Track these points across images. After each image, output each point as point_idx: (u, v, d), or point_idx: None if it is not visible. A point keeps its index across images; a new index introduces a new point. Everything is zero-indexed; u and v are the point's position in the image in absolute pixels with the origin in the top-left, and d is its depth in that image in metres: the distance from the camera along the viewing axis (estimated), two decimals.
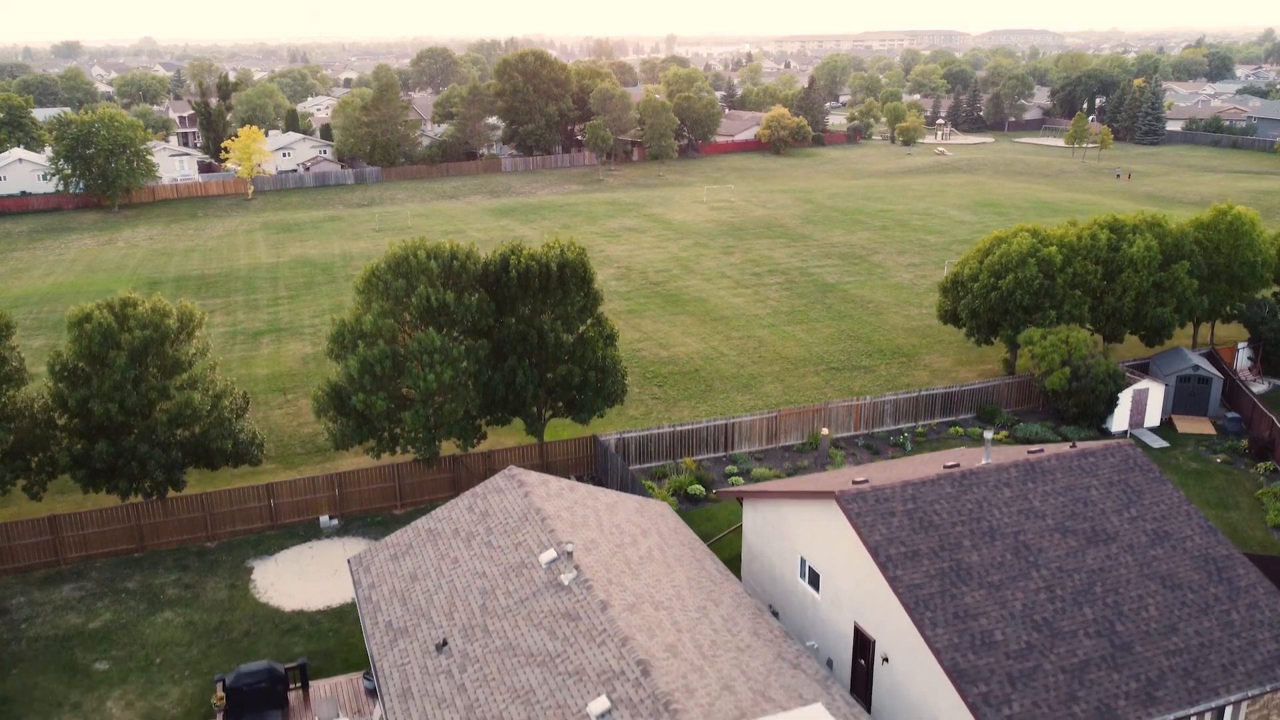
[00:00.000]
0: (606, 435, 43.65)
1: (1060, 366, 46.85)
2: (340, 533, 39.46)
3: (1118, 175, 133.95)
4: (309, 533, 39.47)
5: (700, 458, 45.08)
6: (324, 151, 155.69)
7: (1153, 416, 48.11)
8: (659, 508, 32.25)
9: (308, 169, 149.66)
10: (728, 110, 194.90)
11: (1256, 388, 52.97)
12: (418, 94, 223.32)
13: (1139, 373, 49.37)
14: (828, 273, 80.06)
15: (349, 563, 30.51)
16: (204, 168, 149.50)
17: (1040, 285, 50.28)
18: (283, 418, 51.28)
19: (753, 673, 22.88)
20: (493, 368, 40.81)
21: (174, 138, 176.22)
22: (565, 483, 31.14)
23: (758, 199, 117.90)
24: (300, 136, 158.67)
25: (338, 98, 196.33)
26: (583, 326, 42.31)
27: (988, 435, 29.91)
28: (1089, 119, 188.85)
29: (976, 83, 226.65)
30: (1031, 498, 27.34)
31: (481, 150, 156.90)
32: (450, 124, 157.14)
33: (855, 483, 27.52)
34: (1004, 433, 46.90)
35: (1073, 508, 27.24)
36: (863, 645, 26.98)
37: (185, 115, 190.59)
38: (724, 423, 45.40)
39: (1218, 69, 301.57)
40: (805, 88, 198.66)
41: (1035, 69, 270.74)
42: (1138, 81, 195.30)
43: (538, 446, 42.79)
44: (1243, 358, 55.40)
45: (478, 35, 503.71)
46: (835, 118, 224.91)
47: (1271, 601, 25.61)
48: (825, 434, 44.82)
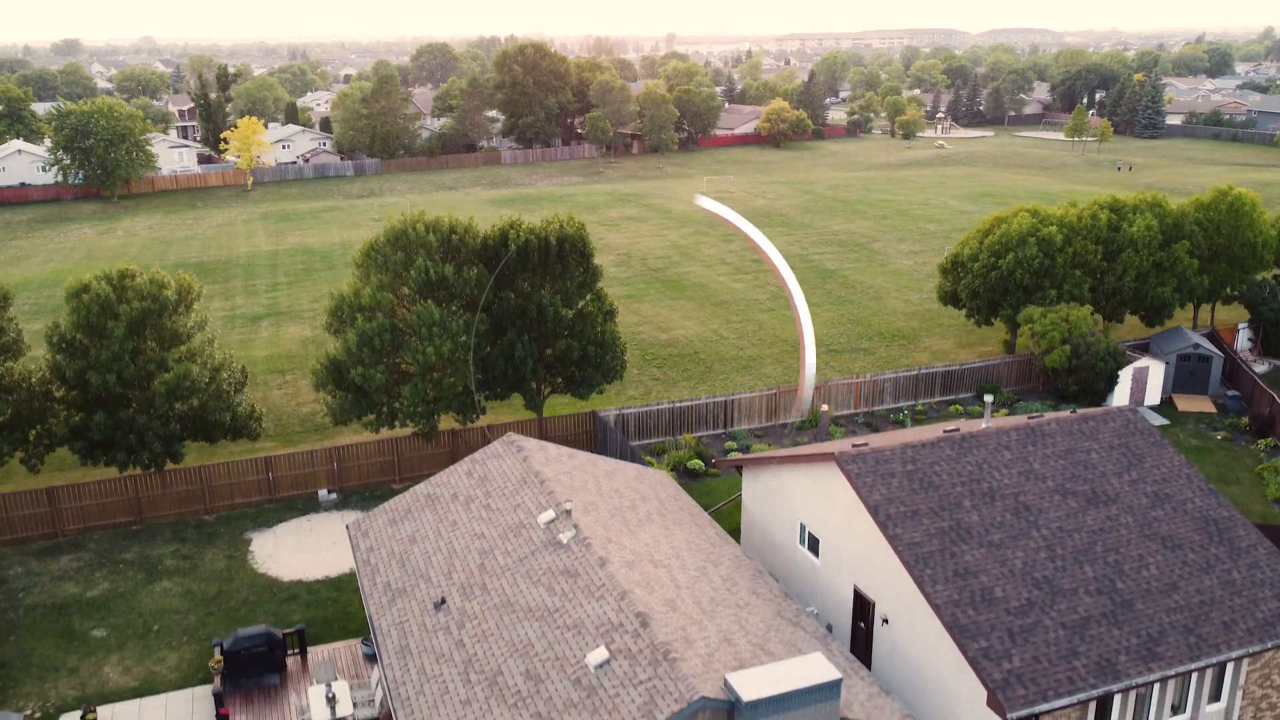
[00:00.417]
0: (606, 411, 43.55)
1: (1060, 344, 46.75)
2: (339, 506, 39.36)
3: (1119, 167, 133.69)
4: (307, 506, 39.37)
5: (700, 434, 44.99)
6: (323, 144, 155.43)
7: (1153, 395, 48.03)
8: (658, 475, 32.17)
9: (307, 160, 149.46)
10: (727, 104, 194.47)
11: (1257, 369, 52.86)
12: (417, 90, 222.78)
13: (1139, 351, 49.30)
14: (827, 259, 79.93)
15: (347, 528, 30.43)
16: (203, 160, 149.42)
17: (1040, 265, 50.15)
18: (281, 398, 51.18)
19: (752, 628, 22.79)
20: (491, 342, 40.72)
21: (173, 131, 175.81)
22: (564, 450, 31.04)
23: (757, 190, 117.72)
24: (299, 129, 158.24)
25: (337, 93, 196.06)
26: (582, 302, 42.22)
27: (988, 399, 29.82)
28: (1089, 113, 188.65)
29: (976, 78, 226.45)
30: (1031, 460, 27.24)
31: (481, 143, 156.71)
32: (450, 116, 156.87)
33: (855, 445, 27.46)
34: (1004, 410, 46.78)
35: (1073, 470, 27.14)
36: (862, 608, 26.89)
37: (184, 109, 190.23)
38: (724, 399, 45.30)
39: (1218, 65, 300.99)
40: (805, 82, 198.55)
41: (1035, 64, 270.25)
42: (1138, 76, 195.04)
43: (537, 422, 42.67)
44: (1243, 339, 55.27)
45: (478, 34, 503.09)
46: (835, 112, 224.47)
47: (1273, 561, 25.53)
48: (825, 410, 44.71)
